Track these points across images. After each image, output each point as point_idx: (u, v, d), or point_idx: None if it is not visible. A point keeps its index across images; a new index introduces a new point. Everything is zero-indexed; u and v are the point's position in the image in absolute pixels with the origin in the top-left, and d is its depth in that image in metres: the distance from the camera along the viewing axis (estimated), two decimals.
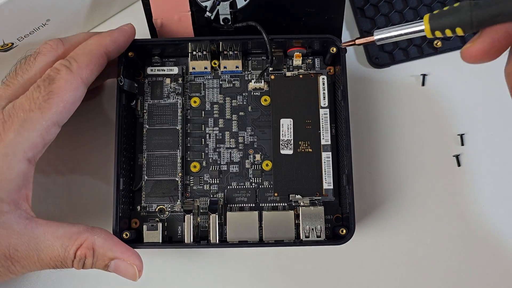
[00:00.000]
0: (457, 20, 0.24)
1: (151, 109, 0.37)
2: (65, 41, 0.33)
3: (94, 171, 0.38)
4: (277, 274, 0.37)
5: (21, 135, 0.29)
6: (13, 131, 0.28)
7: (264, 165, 0.36)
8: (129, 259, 0.31)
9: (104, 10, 0.40)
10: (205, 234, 0.35)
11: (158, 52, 0.37)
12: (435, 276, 0.37)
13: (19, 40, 0.35)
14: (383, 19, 0.41)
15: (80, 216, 0.38)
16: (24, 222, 0.29)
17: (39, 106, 0.29)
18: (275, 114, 0.36)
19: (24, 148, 0.29)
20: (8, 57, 0.36)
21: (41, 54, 0.32)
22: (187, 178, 0.36)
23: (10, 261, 0.29)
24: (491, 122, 0.39)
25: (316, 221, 0.34)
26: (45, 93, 0.29)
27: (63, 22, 0.37)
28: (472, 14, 0.23)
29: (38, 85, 0.30)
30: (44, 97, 0.29)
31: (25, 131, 0.29)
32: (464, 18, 0.23)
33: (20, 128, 0.28)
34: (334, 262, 0.37)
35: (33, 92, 0.29)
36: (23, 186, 0.29)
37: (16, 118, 0.29)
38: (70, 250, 0.30)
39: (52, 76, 0.30)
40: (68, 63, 0.31)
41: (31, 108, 0.29)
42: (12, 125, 0.28)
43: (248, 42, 0.36)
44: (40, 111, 0.29)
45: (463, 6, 0.24)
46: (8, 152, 0.28)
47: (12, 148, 0.28)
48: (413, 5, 0.41)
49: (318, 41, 0.36)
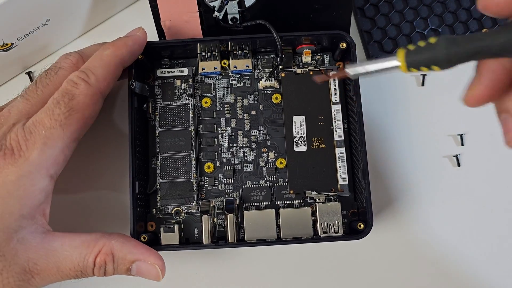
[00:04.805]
0: (433, 58, 0.22)
1: (162, 111, 0.37)
2: (83, 55, 0.33)
3: (106, 179, 0.38)
4: (296, 271, 0.37)
5: (44, 153, 0.29)
6: (36, 149, 0.28)
7: (278, 163, 0.36)
8: (149, 259, 0.31)
9: (105, 10, 0.40)
10: (222, 234, 0.35)
11: (167, 54, 0.37)
12: (454, 270, 0.37)
13: (19, 40, 0.35)
14: (383, 19, 0.41)
15: (96, 224, 0.37)
16: (41, 236, 0.29)
17: (60, 123, 0.29)
18: (287, 111, 0.36)
19: (47, 166, 0.29)
20: (8, 57, 0.36)
21: (62, 69, 0.32)
22: (202, 179, 0.36)
23: (30, 275, 0.29)
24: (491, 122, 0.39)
25: (334, 217, 0.34)
26: (65, 110, 0.29)
27: (63, 22, 0.37)
28: (449, 52, 0.21)
29: (58, 101, 0.30)
30: (65, 114, 0.29)
31: (48, 148, 0.29)
32: (441, 56, 0.22)
33: (43, 146, 0.28)
34: (351, 257, 0.37)
35: (54, 109, 0.29)
36: (44, 201, 0.30)
37: (38, 136, 0.29)
38: (89, 258, 0.30)
39: (71, 91, 0.30)
40: (86, 76, 0.31)
41: (52, 125, 0.29)
42: (35, 143, 0.28)
43: (257, 41, 0.36)
44: (62, 128, 0.29)
45: (439, 43, 0.22)
46: (32, 170, 0.28)
47: (36, 166, 0.28)
48: (413, 5, 0.41)
49: (328, 37, 0.36)
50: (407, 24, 0.41)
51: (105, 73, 0.31)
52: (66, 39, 0.40)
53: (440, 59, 0.21)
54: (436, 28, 0.41)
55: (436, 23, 0.41)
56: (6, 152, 0.28)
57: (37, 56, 0.40)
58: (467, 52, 0.21)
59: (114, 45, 0.33)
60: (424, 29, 0.41)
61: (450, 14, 0.41)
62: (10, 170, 0.28)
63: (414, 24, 0.41)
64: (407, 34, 0.40)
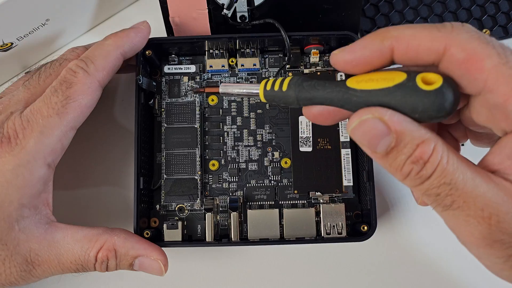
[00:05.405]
0: (285, 99, 0.26)
1: (169, 107, 0.37)
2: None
3: (110, 174, 0.38)
4: (298, 271, 0.37)
5: (41, 142, 0.28)
6: (33, 138, 0.28)
7: (283, 163, 0.36)
8: (152, 254, 0.31)
9: (105, 10, 0.40)
10: (225, 232, 0.35)
11: (175, 50, 0.37)
12: (458, 273, 0.37)
13: (18, 40, 0.35)
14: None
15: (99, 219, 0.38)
16: (44, 226, 0.29)
17: (57, 111, 0.29)
18: (293, 111, 0.36)
19: (44, 154, 0.29)
20: (8, 57, 0.36)
21: (67, 61, 0.32)
22: (206, 177, 0.36)
23: (32, 265, 0.29)
24: None
25: (337, 218, 0.34)
26: (63, 98, 0.29)
27: (63, 22, 0.37)
28: (297, 96, 0.25)
29: (56, 89, 0.29)
30: (62, 102, 0.29)
31: (44, 137, 0.29)
32: (291, 99, 0.25)
33: (40, 134, 0.28)
34: (354, 258, 0.37)
35: (51, 97, 0.29)
36: (43, 191, 0.29)
37: (35, 124, 0.29)
38: (90, 253, 0.30)
39: (69, 79, 0.30)
40: (85, 65, 0.30)
41: (49, 113, 0.29)
42: (32, 131, 0.28)
43: (265, 40, 0.36)
44: (59, 116, 0.29)
45: (290, 87, 0.25)
46: (29, 159, 0.28)
47: (33, 155, 0.28)
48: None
49: (336, 38, 0.36)
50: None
51: (104, 63, 0.31)
52: (66, 39, 0.40)
53: (291, 102, 0.26)
54: None
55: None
56: (3, 140, 0.28)
57: (37, 56, 0.40)
58: (308, 97, 0.25)
59: (116, 36, 0.32)
60: None
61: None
62: (7, 158, 0.28)
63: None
64: None
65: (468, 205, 0.21)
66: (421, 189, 0.22)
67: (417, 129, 0.22)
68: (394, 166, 0.22)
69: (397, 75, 0.22)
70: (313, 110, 0.26)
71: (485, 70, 0.21)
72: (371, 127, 0.22)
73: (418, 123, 0.22)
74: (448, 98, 0.21)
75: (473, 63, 0.21)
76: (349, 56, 0.24)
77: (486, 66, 0.21)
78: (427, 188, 0.22)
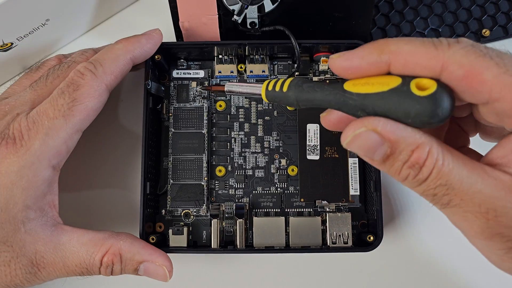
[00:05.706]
0: (285, 100, 0.26)
1: (176, 112, 0.36)
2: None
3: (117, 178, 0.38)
4: (303, 280, 0.37)
5: (46, 144, 0.28)
6: (38, 140, 0.28)
7: (290, 170, 0.36)
8: (157, 260, 0.31)
9: (105, 10, 0.40)
10: (230, 239, 0.35)
11: (184, 55, 0.37)
12: (465, 284, 0.37)
13: (18, 40, 0.35)
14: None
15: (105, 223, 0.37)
16: (50, 228, 0.29)
17: (63, 113, 0.29)
18: (301, 119, 0.36)
19: (49, 156, 0.29)
20: (8, 57, 0.36)
21: (76, 63, 0.32)
22: (213, 183, 0.36)
23: (37, 268, 0.29)
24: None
25: (343, 227, 0.34)
26: (69, 100, 0.29)
27: (63, 22, 0.37)
28: (296, 97, 0.26)
29: (63, 91, 0.29)
30: (68, 104, 0.29)
31: (50, 139, 0.28)
32: (291, 100, 0.26)
33: (45, 136, 0.28)
34: (360, 268, 0.37)
35: (58, 99, 0.29)
36: (49, 192, 0.29)
37: (41, 126, 0.28)
38: (96, 257, 0.29)
39: (76, 81, 0.30)
40: (93, 67, 0.30)
41: (55, 115, 0.29)
42: (38, 133, 0.28)
43: (275, 47, 0.36)
44: (64, 118, 0.29)
45: (290, 89, 0.26)
46: (34, 161, 0.28)
47: (38, 156, 0.28)
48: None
49: (346, 46, 0.35)
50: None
51: (113, 67, 0.31)
52: (66, 39, 0.40)
53: (291, 103, 0.26)
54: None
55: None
56: (8, 141, 0.28)
57: (37, 56, 0.39)
58: (308, 99, 0.25)
59: (126, 41, 0.32)
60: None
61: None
62: (12, 160, 0.28)
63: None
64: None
65: (466, 202, 0.22)
66: (419, 190, 0.23)
67: (411, 134, 0.22)
68: (392, 171, 0.23)
69: (393, 80, 0.22)
70: (331, 118, 0.27)
71: (486, 82, 0.21)
72: (365, 140, 0.22)
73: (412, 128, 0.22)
74: (441, 104, 0.21)
75: (473, 77, 0.21)
76: (346, 63, 0.24)
77: (486, 78, 0.21)
78: (425, 190, 0.23)
